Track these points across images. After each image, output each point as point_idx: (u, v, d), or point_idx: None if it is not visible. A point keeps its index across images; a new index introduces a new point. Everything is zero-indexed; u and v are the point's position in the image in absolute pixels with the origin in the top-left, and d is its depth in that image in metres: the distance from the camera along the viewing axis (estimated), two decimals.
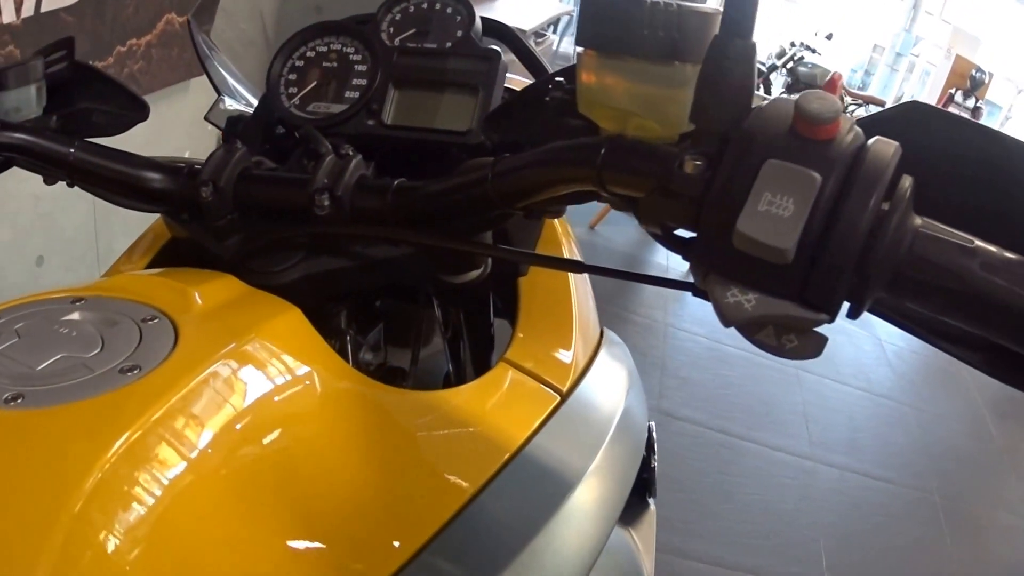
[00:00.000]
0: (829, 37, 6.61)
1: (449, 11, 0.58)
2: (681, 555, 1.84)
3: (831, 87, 3.84)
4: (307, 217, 0.45)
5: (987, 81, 8.63)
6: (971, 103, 8.52)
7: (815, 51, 6.06)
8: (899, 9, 10.54)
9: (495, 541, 0.40)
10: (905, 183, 0.29)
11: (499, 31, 0.65)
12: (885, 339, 3.52)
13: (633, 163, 0.34)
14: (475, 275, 0.50)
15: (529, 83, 0.54)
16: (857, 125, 0.30)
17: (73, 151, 0.48)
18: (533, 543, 0.40)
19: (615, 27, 0.32)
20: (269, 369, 0.36)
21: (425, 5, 0.58)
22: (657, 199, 0.33)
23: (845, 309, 0.31)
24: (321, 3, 2.26)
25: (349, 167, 0.45)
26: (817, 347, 0.30)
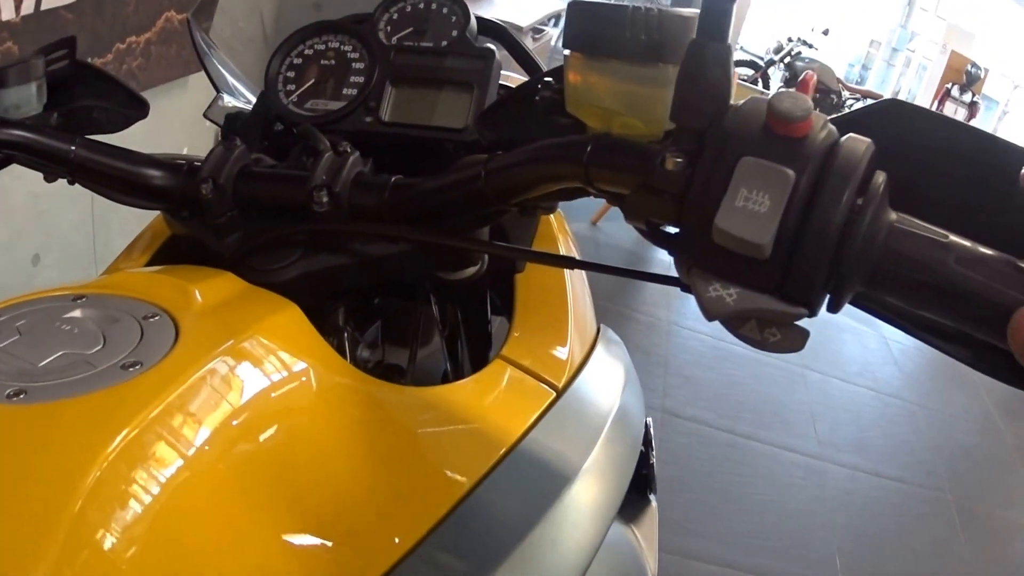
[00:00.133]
0: (826, 32, 6.70)
1: (445, 11, 0.60)
2: (692, 557, 1.85)
3: (804, 87, 3.95)
4: (306, 214, 0.46)
5: (983, 76, 8.73)
6: (968, 98, 8.61)
7: (812, 46, 6.13)
8: (895, 5, 10.64)
9: (492, 535, 0.41)
10: (879, 179, 0.30)
11: (494, 30, 0.67)
12: (890, 337, 3.54)
13: (618, 160, 0.35)
14: (472, 272, 0.51)
15: (524, 80, 0.55)
16: (835, 122, 0.31)
17: (74, 148, 0.49)
18: (530, 537, 0.41)
19: (600, 30, 0.34)
20: (268, 365, 0.37)
21: (422, 5, 0.60)
22: (641, 195, 0.34)
23: (829, 303, 0.33)
24: (320, 1, 2.27)
25: (347, 164, 0.46)
26: (799, 341, 0.31)
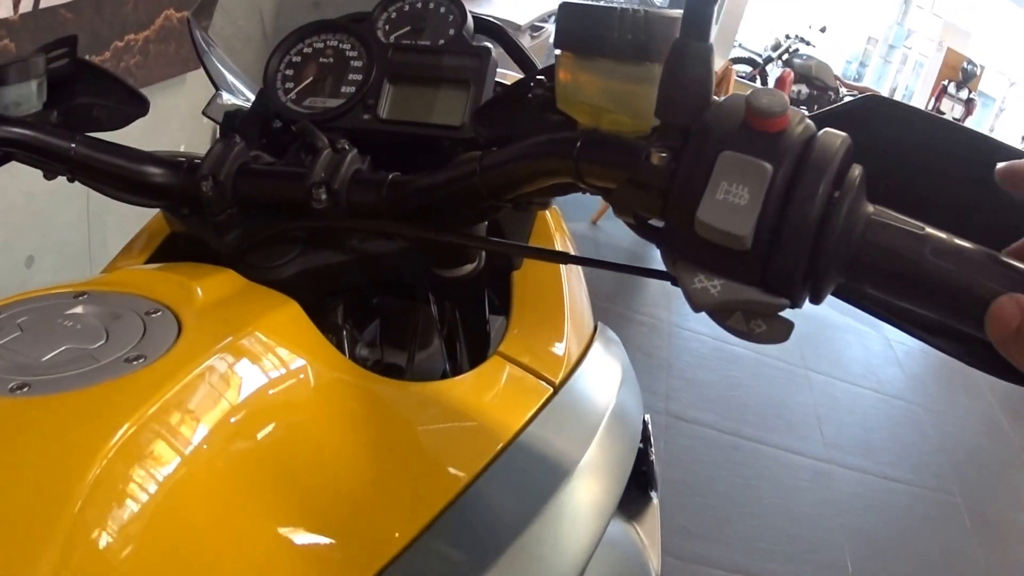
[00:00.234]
0: (823, 30, 6.76)
1: (443, 10, 0.61)
2: (701, 562, 1.85)
3: (781, 84, 4.11)
4: (304, 211, 0.46)
5: (979, 73, 8.82)
6: (964, 95, 8.70)
7: (809, 43, 6.18)
8: (891, 2, 10.72)
9: (492, 528, 0.42)
10: (855, 172, 0.31)
11: (491, 29, 0.68)
12: (893, 339, 3.56)
13: (606, 155, 0.37)
14: (469, 269, 0.53)
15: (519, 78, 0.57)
16: (817, 118, 0.33)
17: (74, 146, 0.49)
18: (529, 530, 0.42)
19: (589, 31, 0.35)
20: (270, 360, 0.38)
21: (420, 4, 0.61)
22: (628, 190, 0.35)
23: (811, 295, 0.34)
24: (319, 0, 2.27)
25: (345, 161, 0.47)
26: (784, 332, 0.32)
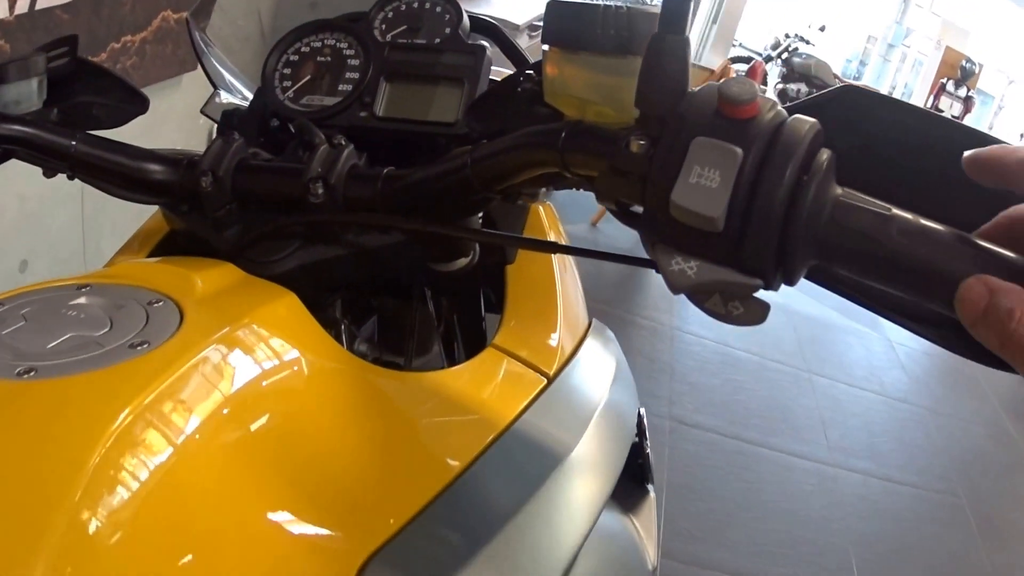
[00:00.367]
0: (822, 29, 6.80)
1: (439, 10, 0.62)
2: (705, 566, 1.87)
3: (752, 74, 4.28)
4: (302, 206, 0.48)
5: (977, 72, 8.89)
6: (963, 92, 8.77)
7: (809, 42, 6.20)
8: (891, 1, 10.79)
9: (485, 511, 0.43)
10: (823, 156, 0.33)
11: (486, 28, 0.70)
12: (896, 341, 3.59)
13: (588, 145, 0.39)
14: (464, 263, 0.54)
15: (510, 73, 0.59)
16: (796, 108, 0.35)
17: (75, 143, 0.50)
18: (523, 513, 0.44)
19: (575, 27, 0.38)
20: (271, 348, 0.39)
21: (416, 4, 0.63)
22: (610, 177, 0.37)
23: (785, 276, 0.35)
24: (316, 0, 2.28)
25: (342, 156, 0.49)
26: (761, 313, 0.34)
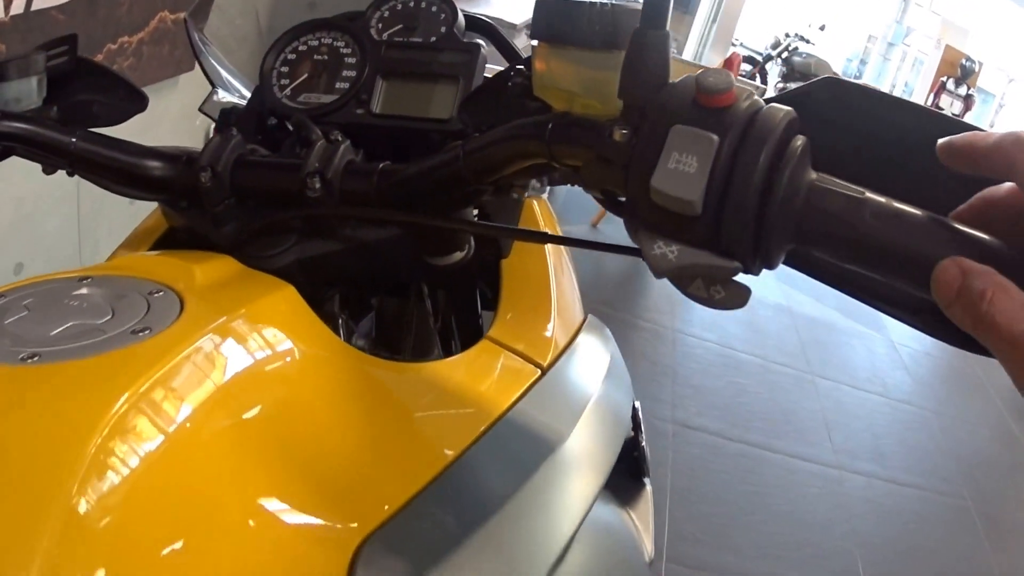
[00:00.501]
0: (822, 28, 6.83)
1: (434, 8, 0.64)
2: (710, 570, 1.88)
3: (729, 65, 4.41)
4: (299, 200, 0.49)
5: (977, 70, 8.94)
6: (963, 91, 8.82)
7: (809, 41, 6.24)
8: (891, 0, 10.84)
9: (478, 496, 0.44)
10: (797, 142, 0.34)
11: (481, 26, 0.72)
12: (899, 342, 3.61)
13: (574, 135, 0.40)
14: (459, 257, 0.56)
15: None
16: (780, 99, 0.37)
17: (75, 140, 0.51)
18: (515, 499, 0.45)
19: (562, 23, 0.39)
20: (269, 335, 0.41)
21: (412, 3, 0.65)
22: (595, 166, 0.39)
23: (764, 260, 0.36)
24: (314, 1, 2.29)
25: (338, 151, 0.50)
26: (742, 297, 0.36)
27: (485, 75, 0.61)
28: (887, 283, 0.34)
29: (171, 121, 1.87)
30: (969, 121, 0.39)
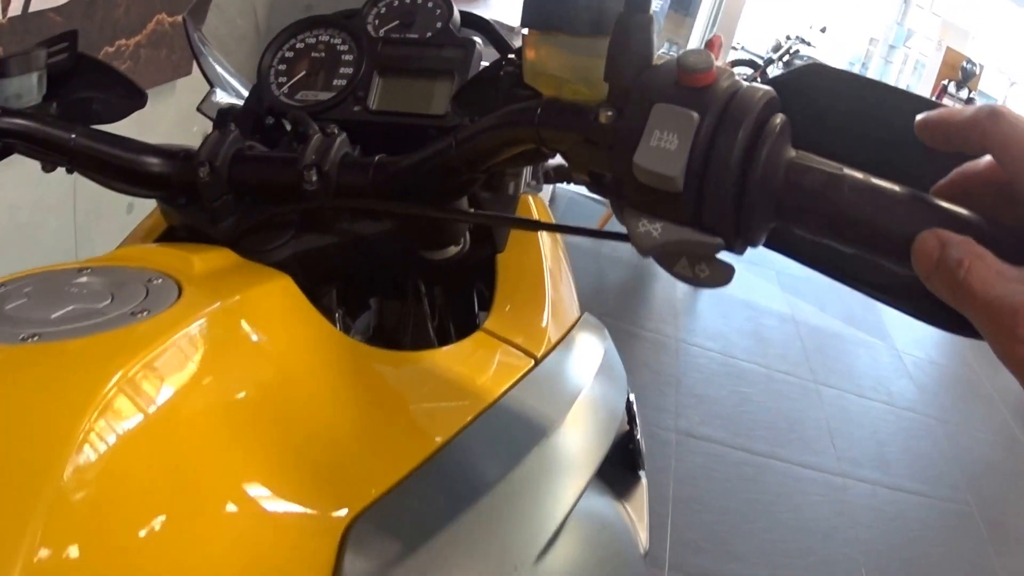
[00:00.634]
0: (823, 30, 6.86)
1: (430, 5, 0.66)
2: None
3: (711, 47, 4.47)
4: (296, 194, 0.51)
5: (978, 73, 8.98)
6: (964, 94, 8.87)
7: (810, 44, 6.26)
8: (891, 2, 10.89)
9: (469, 477, 0.46)
10: (776, 120, 0.36)
11: (477, 23, 0.74)
12: (903, 350, 3.63)
13: (562, 120, 0.42)
14: (454, 251, 0.58)
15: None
16: (767, 83, 0.38)
17: (74, 136, 0.52)
18: (506, 480, 0.46)
19: (551, 10, 0.41)
20: (266, 319, 0.43)
21: (408, 0, 0.67)
22: (582, 148, 0.41)
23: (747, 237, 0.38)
24: (311, 3, 2.31)
25: (335, 144, 0.52)
26: (726, 275, 0.37)
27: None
28: (871, 264, 0.35)
29: (167, 126, 1.87)
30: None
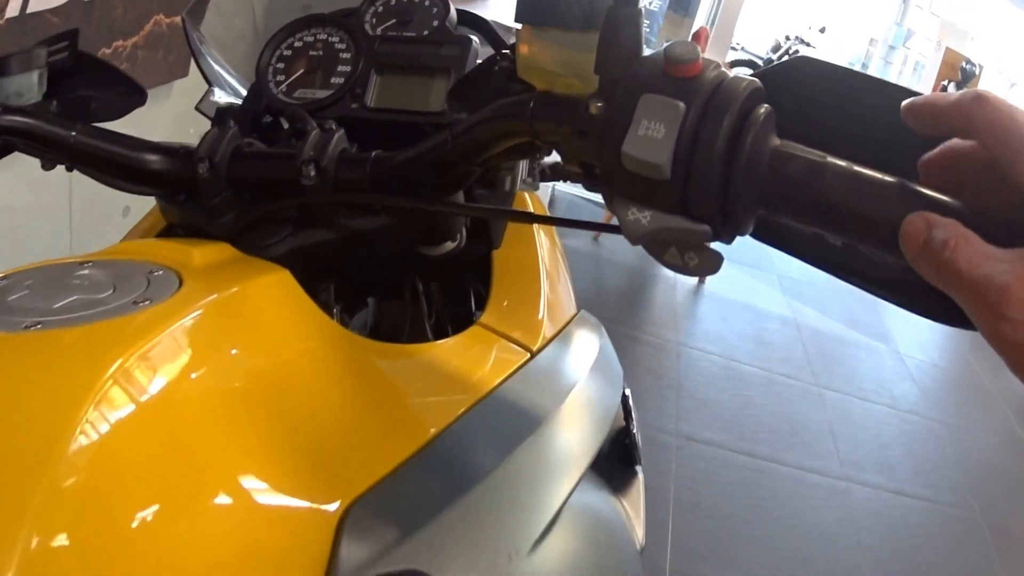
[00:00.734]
0: (822, 31, 6.90)
1: (427, 4, 0.67)
2: None
3: (697, 39, 4.54)
4: (295, 189, 0.52)
5: (978, 73, 9.02)
6: None
7: (809, 45, 6.29)
8: (891, 2, 10.95)
9: (465, 464, 0.47)
10: (760, 110, 0.37)
11: (473, 21, 0.76)
12: (906, 353, 3.65)
13: (554, 112, 0.43)
14: (450, 247, 0.59)
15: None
16: (757, 75, 0.40)
17: (74, 134, 0.53)
18: (501, 468, 0.47)
19: (544, 6, 0.42)
20: (266, 310, 0.44)
21: None
22: (574, 140, 0.42)
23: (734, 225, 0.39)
24: (309, 3, 2.32)
25: (333, 140, 0.53)
26: (715, 263, 0.38)
27: None
28: (862, 256, 0.36)
29: (164, 128, 1.88)
30: None
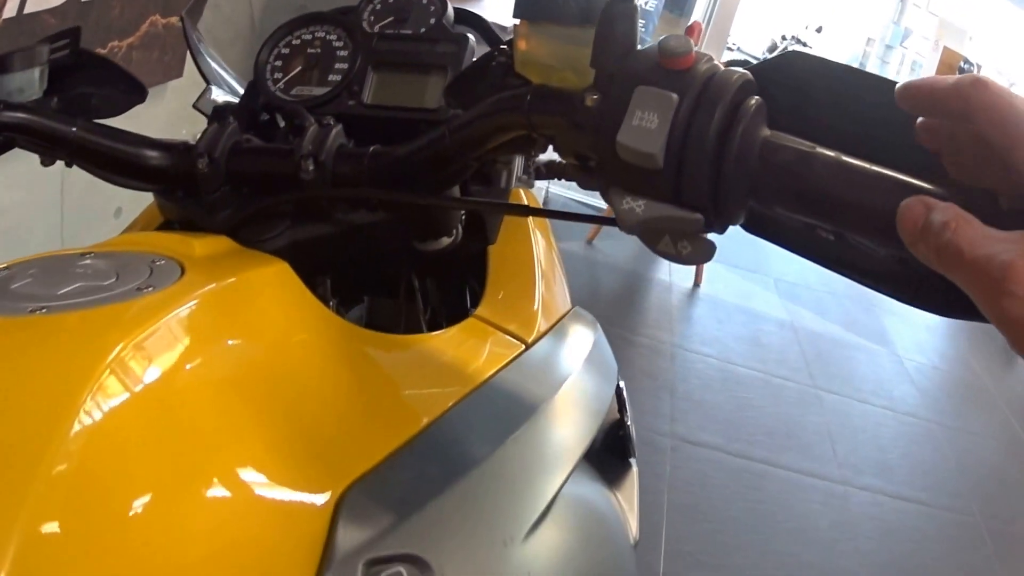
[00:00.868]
0: (819, 30, 6.96)
1: (424, 1, 0.69)
2: None
3: (690, 32, 4.61)
4: (293, 184, 0.53)
5: (976, 73, 9.06)
6: None
7: (806, 44, 6.34)
8: (888, 2, 11.01)
9: (459, 452, 0.48)
10: (751, 102, 0.39)
11: (470, 19, 0.77)
12: (905, 355, 3.67)
13: (550, 105, 0.45)
14: (447, 242, 0.61)
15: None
16: (751, 70, 0.42)
17: (74, 129, 0.54)
18: (496, 455, 0.49)
19: (541, 1, 0.44)
20: (265, 299, 0.46)
21: None
22: (570, 132, 0.43)
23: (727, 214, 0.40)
24: (306, 3, 2.33)
25: (331, 135, 0.54)
26: (708, 251, 0.40)
27: None
28: (856, 249, 0.38)
29: (158, 128, 1.87)
30: None
